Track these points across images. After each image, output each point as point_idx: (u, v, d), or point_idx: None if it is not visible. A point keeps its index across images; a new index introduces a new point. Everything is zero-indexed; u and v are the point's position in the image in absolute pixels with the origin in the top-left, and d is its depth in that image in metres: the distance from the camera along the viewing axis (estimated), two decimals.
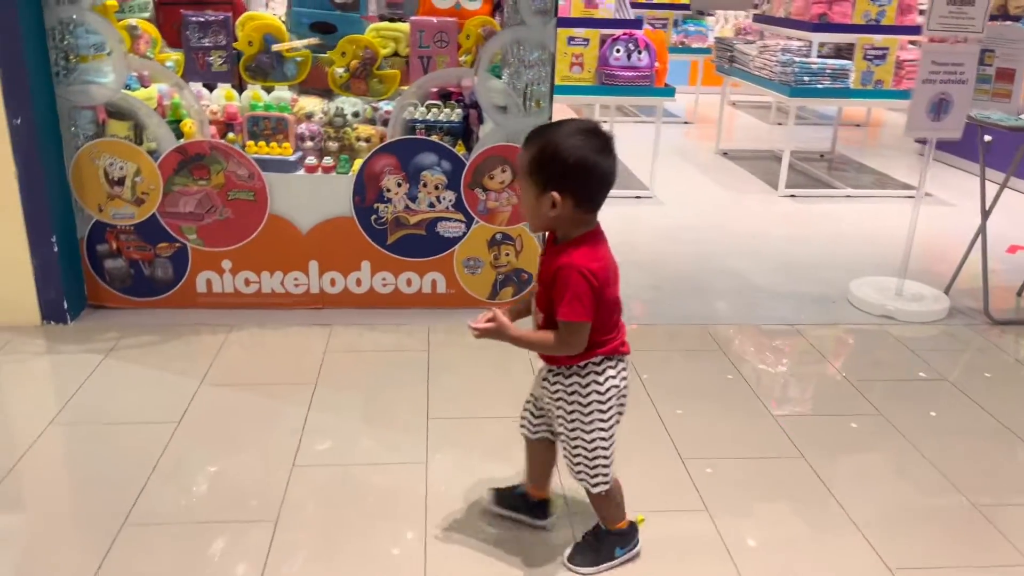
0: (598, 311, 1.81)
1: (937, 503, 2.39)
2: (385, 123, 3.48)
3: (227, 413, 2.73)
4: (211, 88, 3.51)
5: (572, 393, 1.90)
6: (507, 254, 3.55)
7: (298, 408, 2.75)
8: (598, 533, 2.09)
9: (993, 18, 5.15)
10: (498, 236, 3.52)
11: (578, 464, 1.96)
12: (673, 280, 4.09)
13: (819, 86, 5.41)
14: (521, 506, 2.20)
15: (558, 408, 1.94)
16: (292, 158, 3.37)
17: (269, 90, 3.48)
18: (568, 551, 2.08)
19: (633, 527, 2.11)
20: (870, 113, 8.88)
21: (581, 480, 1.99)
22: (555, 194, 1.74)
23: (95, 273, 3.40)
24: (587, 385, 1.89)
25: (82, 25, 3.10)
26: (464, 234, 3.49)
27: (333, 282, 3.51)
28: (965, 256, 3.94)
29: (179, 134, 3.31)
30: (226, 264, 3.43)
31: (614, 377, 1.91)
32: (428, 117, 3.44)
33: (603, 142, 1.75)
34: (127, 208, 3.32)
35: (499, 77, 3.37)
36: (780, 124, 8.64)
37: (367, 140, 3.44)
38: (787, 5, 5.97)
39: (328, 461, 2.48)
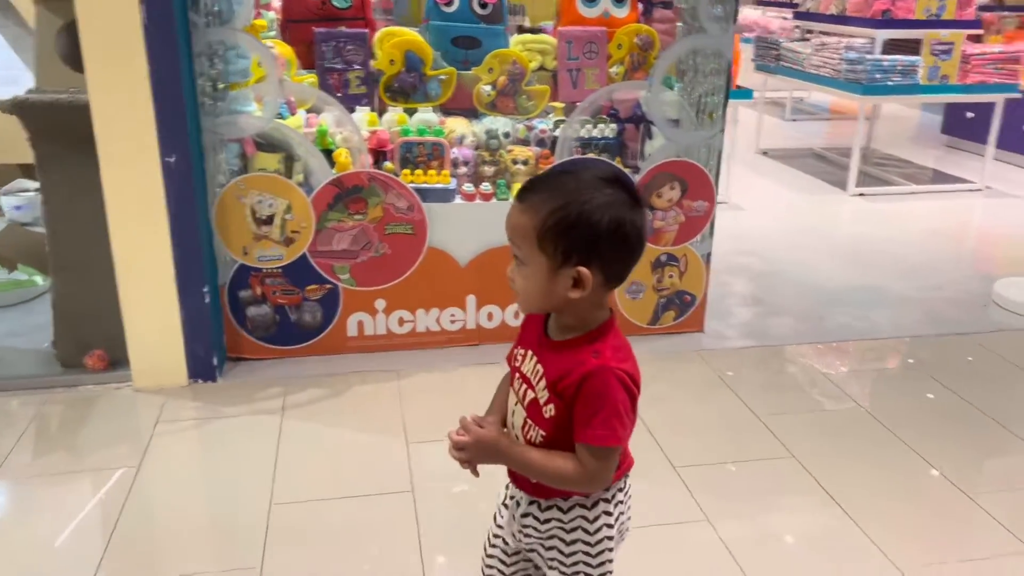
0: None
1: None
2: (539, 143, 3.24)
3: (456, 476, 2.44)
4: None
5: (574, 530, 1.39)
6: (671, 276, 3.35)
7: None
8: None
9: None
10: (663, 257, 3.31)
11: None
12: (807, 293, 3.93)
13: (889, 83, 5.35)
14: None
15: (551, 550, 1.42)
16: (451, 186, 3.10)
17: (411, 112, 3.20)
18: None
19: None
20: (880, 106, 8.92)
21: None
22: (582, 269, 1.23)
23: (235, 322, 3.06)
24: (595, 519, 1.38)
25: (234, 48, 2.77)
26: None
27: (491, 316, 3.25)
28: None
29: (330, 164, 3.00)
30: (379, 304, 3.13)
31: (623, 502, 1.44)
32: (582, 133, 3.22)
33: (633, 194, 1.27)
34: (275, 249, 2.99)
35: (671, 88, 3.16)
36: (794, 120, 8.65)
37: (524, 162, 3.19)
38: (840, 2, 5.90)
39: None
